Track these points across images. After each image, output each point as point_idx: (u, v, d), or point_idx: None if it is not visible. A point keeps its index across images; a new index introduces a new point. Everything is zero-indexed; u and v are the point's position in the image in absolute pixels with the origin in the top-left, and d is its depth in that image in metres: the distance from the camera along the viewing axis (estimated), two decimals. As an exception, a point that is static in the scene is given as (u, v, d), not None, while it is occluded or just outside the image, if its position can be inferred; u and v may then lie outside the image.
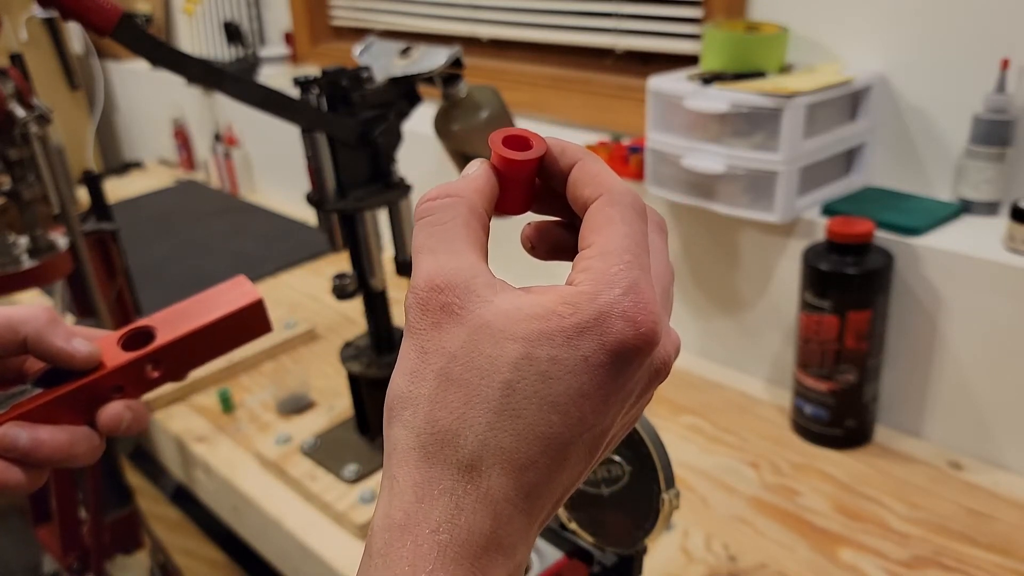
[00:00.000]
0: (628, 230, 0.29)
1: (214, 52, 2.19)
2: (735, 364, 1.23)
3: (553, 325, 0.27)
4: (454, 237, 0.29)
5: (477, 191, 0.31)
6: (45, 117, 0.98)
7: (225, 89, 0.83)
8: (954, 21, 0.99)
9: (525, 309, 0.27)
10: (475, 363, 0.27)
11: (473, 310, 0.27)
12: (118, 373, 0.40)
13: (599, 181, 0.31)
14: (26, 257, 1.01)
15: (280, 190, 2.04)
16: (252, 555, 1.14)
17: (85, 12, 0.75)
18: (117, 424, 0.40)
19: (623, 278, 0.27)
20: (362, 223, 0.96)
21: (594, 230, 0.29)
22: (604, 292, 0.27)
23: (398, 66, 0.93)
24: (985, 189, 1.00)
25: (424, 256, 0.29)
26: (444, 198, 0.30)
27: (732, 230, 1.15)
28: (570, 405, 0.27)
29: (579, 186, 0.31)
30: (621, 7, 1.36)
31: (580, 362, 0.27)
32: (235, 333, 0.42)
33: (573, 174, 0.31)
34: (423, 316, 0.28)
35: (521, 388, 0.27)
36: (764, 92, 0.99)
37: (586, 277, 0.28)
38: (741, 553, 0.89)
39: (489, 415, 0.27)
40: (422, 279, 0.28)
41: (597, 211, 0.30)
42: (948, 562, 0.86)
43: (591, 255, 0.28)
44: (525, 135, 0.31)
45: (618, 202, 0.30)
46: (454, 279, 0.28)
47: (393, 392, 0.29)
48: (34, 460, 0.38)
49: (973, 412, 1.00)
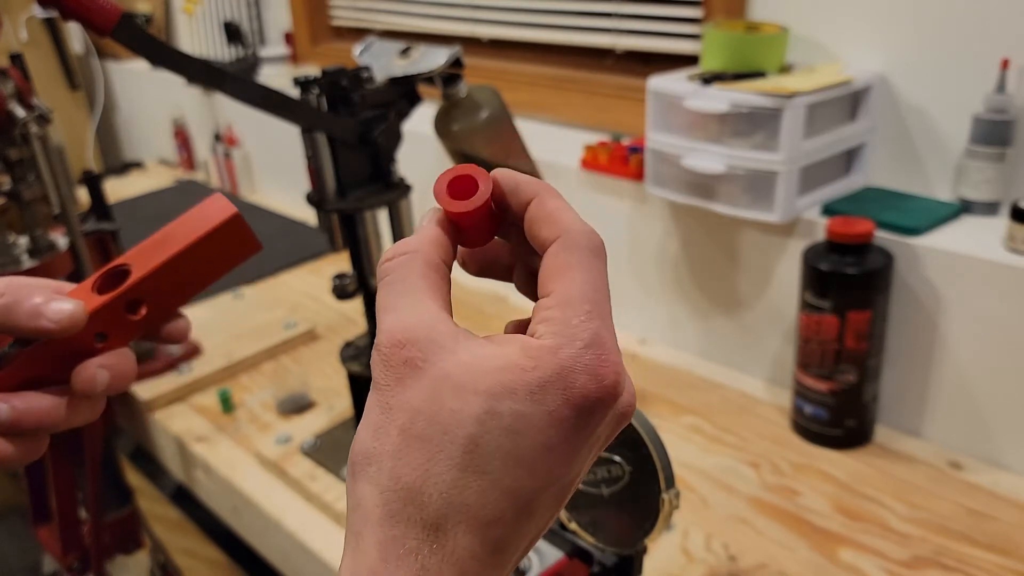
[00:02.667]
0: (586, 276, 0.29)
1: (214, 52, 2.19)
2: (735, 364, 1.23)
3: (515, 378, 0.26)
4: (412, 291, 0.29)
5: (431, 242, 0.31)
6: (45, 117, 0.98)
7: (225, 89, 0.83)
8: (954, 21, 0.99)
9: (487, 361, 0.27)
10: (438, 418, 0.27)
11: (435, 363, 0.27)
12: (95, 319, 0.36)
13: (555, 220, 0.30)
14: (26, 257, 1.02)
15: (280, 190, 2.04)
16: (252, 555, 1.14)
17: (85, 12, 0.75)
18: (91, 387, 0.36)
19: (583, 330, 0.27)
20: (362, 223, 0.96)
21: (552, 277, 0.29)
22: (565, 346, 0.27)
23: (398, 66, 0.93)
24: (985, 189, 1.00)
25: (386, 314, 0.29)
26: (399, 256, 0.30)
27: (732, 230, 1.15)
28: (537, 460, 0.27)
29: (536, 225, 0.30)
30: (621, 7, 1.36)
31: (544, 417, 0.26)
32: (218, 256, 0.38)
33: (530, 211, 0.31)
34: (386, 372, 0.28)
35: (485, 443, 0.26)
36: (764, 92, 0.99)
37: (547, 329, 0.28)
38: (741, 553, 0.89)
39: (453, 471, 0.26)
40: (384, 336, 0.28)
41: (554, 256, 0.29)
42: (948, 562, 0.86)
43: (550, 304, 0.28)
44: (471, 175, 0.31)
45: (575, 245, 0.29)
46: (414, 333, 0.28)
47: (357, 447, 0.29)
48: (23, 429, 0.36)
49: (973, 412, 1.00)
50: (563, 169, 1.32)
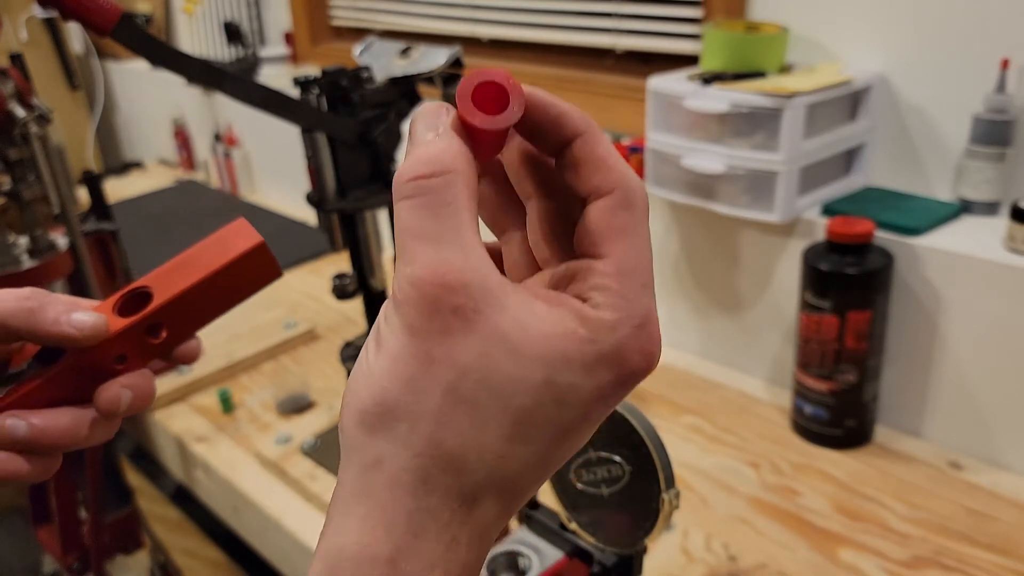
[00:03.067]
0: (644, 243, 0.27)
1: (214, 52, 2.19)
2: (735, 364, 1.23)
3: (573, 349, 0.25)
4: (457, 222, 0.25)
5: (468, 161, 0.26)
6: (45, 117, 0.98)
7: (225, 89, 0.83)
8: (954, 21, 0.99)
9: (543, 323, 0.25)
10: (490, 383, 0.24)
11: (489, 316, 0.24)
12: (116, 341, 0.36)
13: (609, 167, 0.27)
14: (26, 257, 1.02)
15: (280, 190, 2.04)
16: (252, 555, 1.14)
17: (85, 12, 0.75)
18: (115, 407, 0.36)
19: (641, 306, 0.26)
20: (362, 223, 0.96)
21: (607, 237, 0.26)
22: (624, 323, 0.25)
23: (398, 66, 0.93)
24: (985, 189, 1.00)
25: (425, 245, 0.25)
26: (438, 176, 0.25)
27: (732, 230, 1.15)
28: (576, 431, 0.26)
29: (583, 168, 0.27)
30: (621, 7, 1.36)
31: (593, 391, 0.25)
32: (241, 282, 0.38)
33: (576, 151, 0.27)
34: (430, 318, 0.24)
35: (537, 414, 0.25)
36: (764, 92, 0.99)
37: (604, 300, 0.26)
38: (741, 553, 0.89)
39: (500, 442, 0.25)
40: (428, 272, 0.24)
41: (610, 212, 0.26)
42: (948, 562, 0.86)
43: (607, 271, 0.26)
44: (500, 83, 0.26)
45: (634, 204, 0.27)
46: (466, 277, 0.24)
47: (378, 395, 0.25)
48: (40, 448, 0.35)
49: (973, 412, 1.00)
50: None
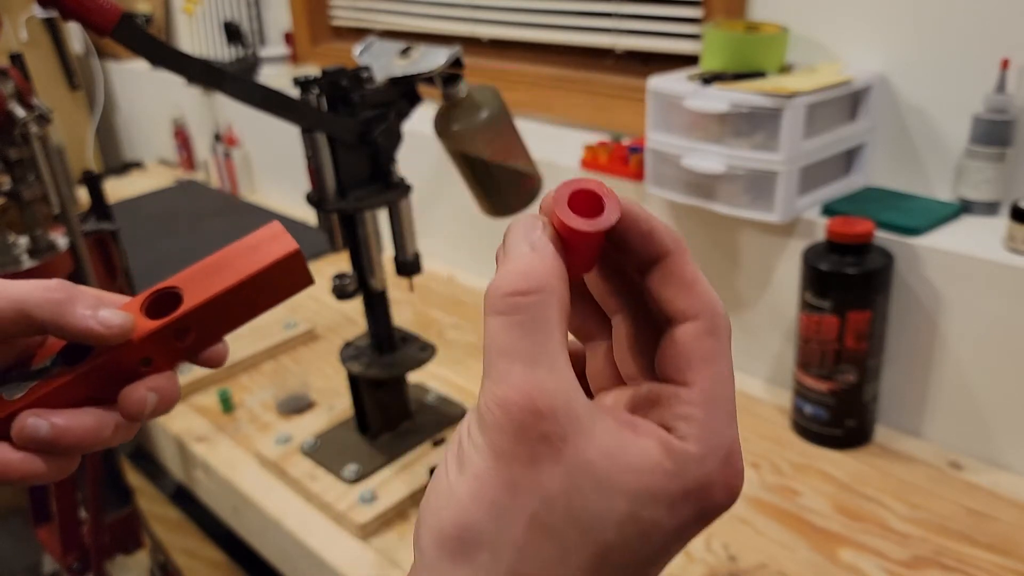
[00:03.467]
0: (729, 372, 0.26)
1: (214, 52, 2.19)
2: (735, 364, 1.22)
3: (659, 484, 0.24)
4: (550, 345, 0.25)
5: (562, 278, 0.26)
6: (45, 117, 0.98)
7: (225, 89, 0.83)
8: (954, 21, 0.99)
9: (629, 454, 0.24)
10: (576, 515, 0.24)
11: (575, 444, 0.24)
12: (144, 344, 0.35)
13: (696, 292, 0.26)
14: (26, 257, 1.02)
15: (280, 190, 2.04)
16: (252, 555, 1.14)
17: (85, 12, 0.75)
18: (140, 410, 0.35)
19: (726, 438, 0.25)
20: (362, 223, 0.96)
21: (693, 365, 0.26)
22: (710, 457, 0.25)
23: (398, 66, 0.93)
24: (985, 189, 1.00)
25: (515, 365, 0.24)
26: (534, 294, 0.25)
27: (732, 230, 1.15)
28: (653, 562, 0.26)
29: (670, 289, 0.27)
30: (621, 7, 1.36)
31: (675, 527, 0.25)
32: (272, 289, 0.36)
33: (665, 269, 0.27)
34: (517, 443, 0.24)
35: (620, 549, 0.24)
36: (764, 92, 0.99)
37: (690, 431, 0.25)
38: (741, 553, 0.89)
39: (580, 574, 0.24)
40: (520, 396, 0.24)
41: (697, 339, 0.26)
42: (948, 562, 0.86)
43: (693, 400, 0.25)
44: (595, 191, 0.27)
45: (721, 332, 0.26)
46: (555, 402, 0.24)
47: (462, 520, 0.24)
48: (60, 449, 0.34)
49: (973, 412, 1.00)
50: (563, 169, 1.32)
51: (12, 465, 0.33)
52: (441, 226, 1.60)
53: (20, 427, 0.33)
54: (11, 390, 0.34)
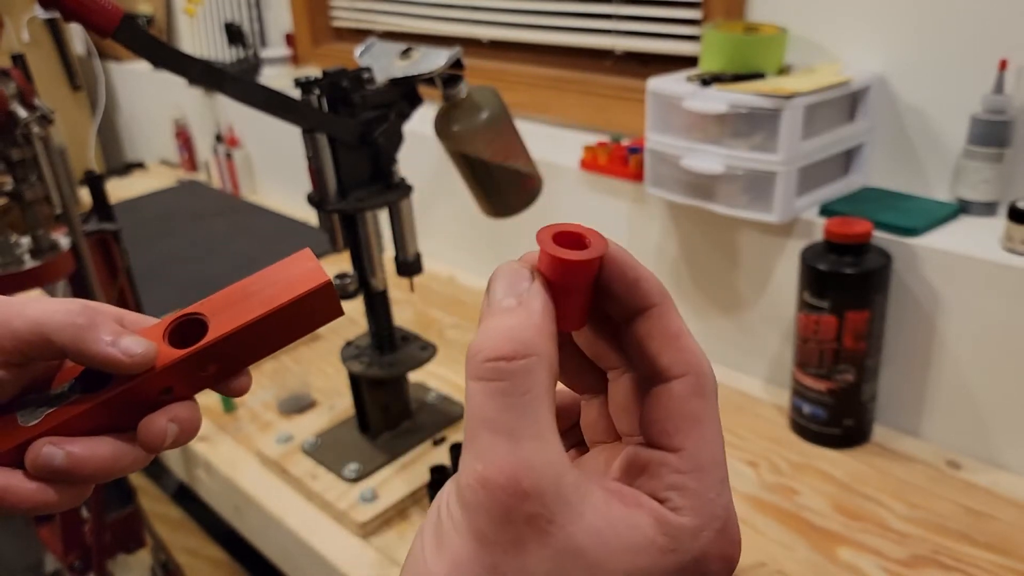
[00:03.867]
0: (718, 434, 0.25)
1: (215, 53, 2.19)
2: (734, 364, 1.23)
3: (653, 562, 0.23)
4: (536, 416, 0.23)
5: (551, 338, 0.24)
6: (47, 118, 0.98)
7: (226, 90, 0.84)
8: (952, 22, 1.00)
9: (620, 533, 0.23)
10: None
11: (563, 526, 0.22)
12: (166, 373, 0.33)
13: (681, 348, 0.25)
14: (28, 257, 1.02)
15: (281, 190, 2.05)
16: (254, 554, 1.14)
17: (87, 13, 0.75)
18: (161, 442, 0.34)
19: (720, 507, 0.24)
20: (363, 223, 0.96)
21: (680, 428, 0.25)
22: (705, 528, 0.24)
23: (398, 67, 0.94)
24: (983, 189, 1.01)
25: (498, 439, 0.23)
26: (522, 359, 0.23)
27: (731, 230, 1.16)
28: None
29: (654, 344, 0.25)
30: (620, 8, 1.36)
31: None
32: (300, 320, 0.35)
33: (650, 323, 0.26)
34: (502, 527, 0.22)
35: None
36: (763, 93, 0.99)
37: (683, 502, 0.24)
38: (740, 552, 0.89)
39: None
40: (504, 477, 0.22)
41: (683, 400, 0.25)
42: (946, 561, 0.86)
43: (683, 468, 0.24)
44: (578, 232, 0.25)
45: (708, 392, 0.25)
46: (542, 483, 0.22)
47: None
48: (74, 479, 0.33)
49: (971, 412, 1.00)
50: (562, 169, 1.32)
51: (24, 495, 0.32)
52: (442, 226, 1.61)
53: (35, 455, 0.32)
54: (27, 416, 0.33)
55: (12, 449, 0.33)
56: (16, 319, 0.32)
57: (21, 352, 0.33)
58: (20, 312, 0.33)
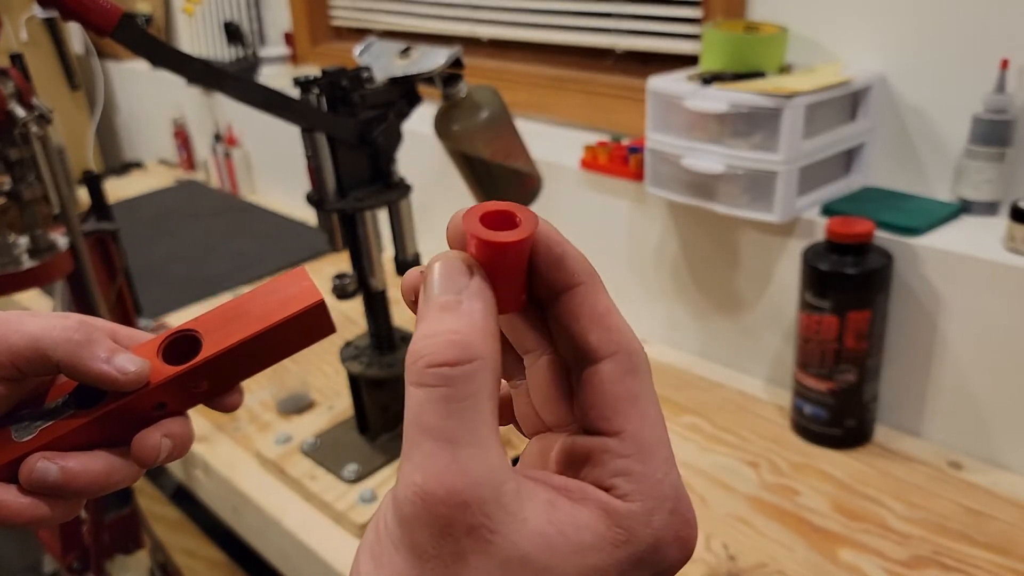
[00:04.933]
0: (656, 410, 0.24)
1: (214, 52, 2.19)
2: (735, 364, 1.23)
3: (606, 559, 0.22)
4: (478, 422, 0.22)
5: (496, 339, 0.23)
6: (45, 117, 0.98)
7: (225, 89, 0.83)
8: (953, 21, 0.99)
9: (568, 536, 0.22)
10: None
11: (506, 535, 0.21)
12: (160, 390, 0.34)
13: (608, 326, 0.24)
14: (26, 257, 1.02)
15: (280, 190, 2.04)
16: (252, 555, 1.14)
17: (85, 12, 0.75)
18: (154, 457, 0.34)
19: (669, 487, 0.23)
20: (362, 223, 0.96)
21: (617, 410, 0.24)
22: (657, 511, 0.23)
23: (398, 66, 0.93)
24: (985, 189, 1.00)
25: (436, 447, 0.21)
26: (466, 363, 0.22)
27: (732, 230, 1.15)
28: None
29: (580, 324, 0.24)
30: (621, 7, 1.36)
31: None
32: (294, 338, 0.35)
33: (575, 302, 0.24)
34: (440, 542, 0.21)
35: None
36: (763, 92, 0.99)
37: (631, 488, 0.23)
38: (740, 552, 0.89)
39: None
40: (443, 488, 0.21)
41: (616, 381, 0.24)
42: (947, 561, 0.86)
43: (626, 452, 0.23)
44: (508, 210, 0.24)
45: (640, 369, 0.24)
46: (483, 492, 0.21)
47: None
48: (67, 494, 0.33)
49: (972, 412, 1.00)
50: (563, 169, 1.32)
51: (18, 509, 0.33)
52: (441, 226, 1.60)
53: (29, 470, 0.32)
54: (21, 431, 0.34)
55: (6, 464, 0.33)
56: (13, 335, 0.33)
57: (17, 367, 0.33)
58: (18, 328, 0.33)
